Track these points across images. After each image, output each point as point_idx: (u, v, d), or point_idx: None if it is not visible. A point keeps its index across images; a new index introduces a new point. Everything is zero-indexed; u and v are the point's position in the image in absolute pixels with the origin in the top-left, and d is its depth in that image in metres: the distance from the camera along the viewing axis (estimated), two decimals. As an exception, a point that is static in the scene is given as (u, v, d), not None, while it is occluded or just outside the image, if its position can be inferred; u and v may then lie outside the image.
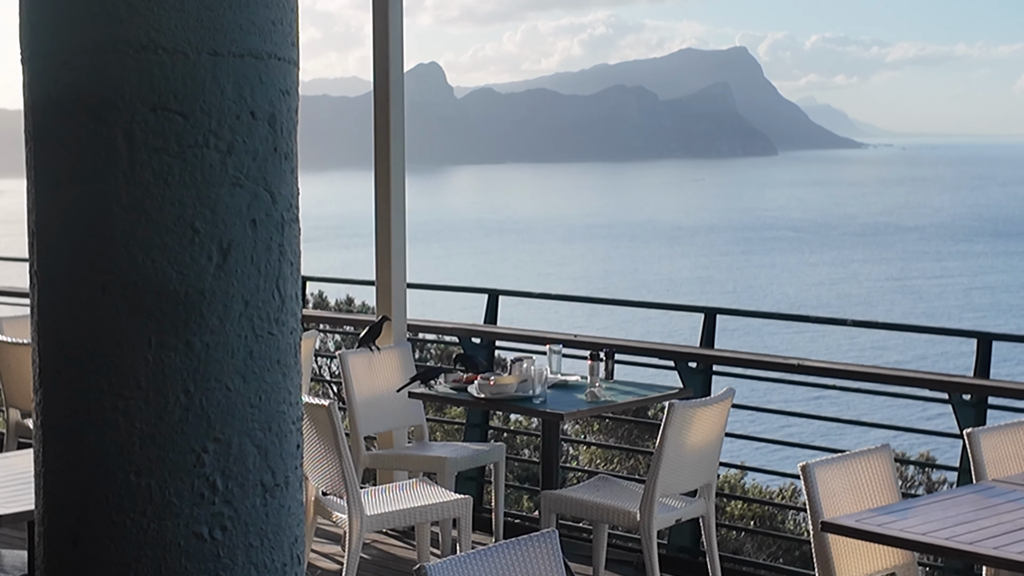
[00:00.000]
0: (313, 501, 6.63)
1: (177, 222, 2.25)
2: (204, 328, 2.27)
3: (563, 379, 7.28)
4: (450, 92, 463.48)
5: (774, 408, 8.20)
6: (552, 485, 6.92)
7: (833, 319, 8.44)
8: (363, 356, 7.76)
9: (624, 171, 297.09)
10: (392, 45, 7.92)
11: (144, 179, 2.24)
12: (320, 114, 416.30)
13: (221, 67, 2.26)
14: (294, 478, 2.42)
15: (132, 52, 2.22)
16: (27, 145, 2.34)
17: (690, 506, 6.66)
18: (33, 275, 2.36)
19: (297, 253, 2.43)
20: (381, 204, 8.06)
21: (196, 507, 2.28)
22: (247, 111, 2.29)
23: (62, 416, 2.32)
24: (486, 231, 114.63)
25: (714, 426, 6.54)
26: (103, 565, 2.29)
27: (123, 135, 2.23)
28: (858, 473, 5.31)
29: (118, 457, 2.27)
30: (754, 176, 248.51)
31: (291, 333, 2.40)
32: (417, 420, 7.90)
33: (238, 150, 2.29)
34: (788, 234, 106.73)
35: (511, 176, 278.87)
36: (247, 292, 2.31)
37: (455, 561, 3.93)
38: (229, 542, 2.31)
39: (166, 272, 2.25)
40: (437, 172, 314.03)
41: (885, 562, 5.26)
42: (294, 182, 2.40)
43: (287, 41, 2.37)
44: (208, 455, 2.28)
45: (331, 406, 6.22)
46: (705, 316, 7.79)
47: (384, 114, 7.98)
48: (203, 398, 2.28)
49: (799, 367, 7.29)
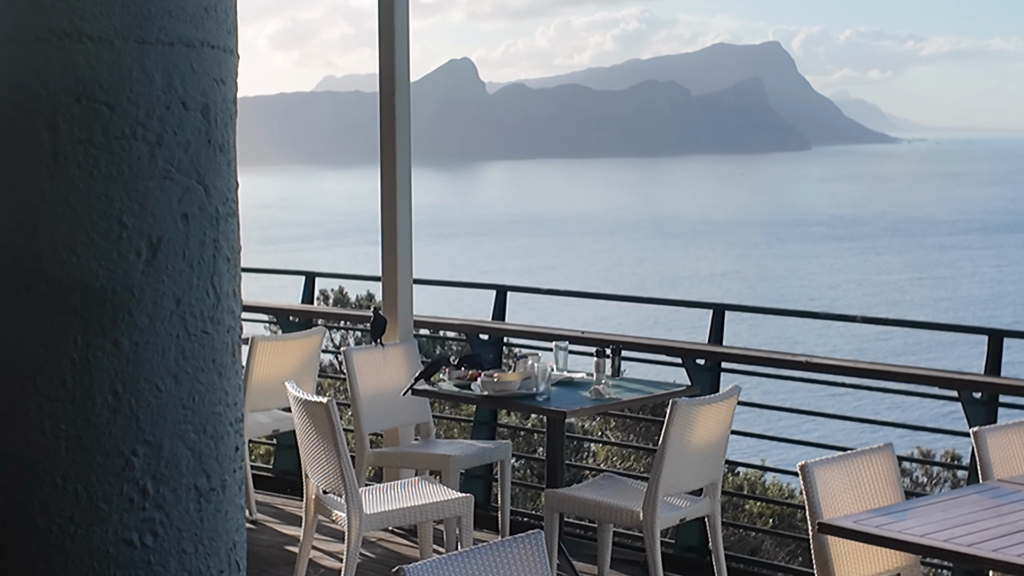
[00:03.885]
0: (314, 500, 6.56)
1: (104, 217, 2.17)
2: (133, 327, 2.19)
3: (569, 376, 7.18)
4: (482, 88, 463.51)
5: (783, 406, 8.07)
6: (557, 483, 6.83)
7: (842, 316, 8.33)
8: (368, 353, 7.68)
9: (656, 166, 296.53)
10: (398, 42, 7.85)
11: (69, 172, 2.16)
12: (352, 110, 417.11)
13: (149, 55, 2.18)
14: (232, 481, 2.33)
15: (55, 40, 2.14)
16: (-49, 137, 2.27)
17: (695, 505, 6.56)
18: (-42, 272, 2.28)
19: (235, 248, 2.34)
20: (387, 201, 7.98)
21: (125, 512, 2.20)
22: (177, 101, 2.21)
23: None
24: (516, 227, 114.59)
25: (719, 424, 6.44)
26: (29, 572, 2.21)
27: (47, 126, 2.15)
28: (859, 473, 5.20)
29: (44, 461, 2.19)
30: (786, 171, 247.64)
31: (228, 331, 2.31)
32: (423, 417, 7.82)
33: (168, 142, 2.20)
34: (820, 230, 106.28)
35: (542, 172, 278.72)
36: (179, 289, 2.23)
37: (436, 563, 3.85)
38: (161, 548, 2.23)
39: (92, 269, 2.17)
40: (468, 168, 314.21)
41: (887, 564, 5.15)
42: (231, 175, 2.32)
43: (222, 29, 2.28)
44: (138, 458, 2.20)
45: (329, 404, 6.15)
46: (714, 312, 7.69)
47: (390, 111, 7.90)
48: (132, 399, 2.19)
49: (808, 364, 7.17)
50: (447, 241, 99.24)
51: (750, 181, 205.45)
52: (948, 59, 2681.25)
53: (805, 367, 7.19)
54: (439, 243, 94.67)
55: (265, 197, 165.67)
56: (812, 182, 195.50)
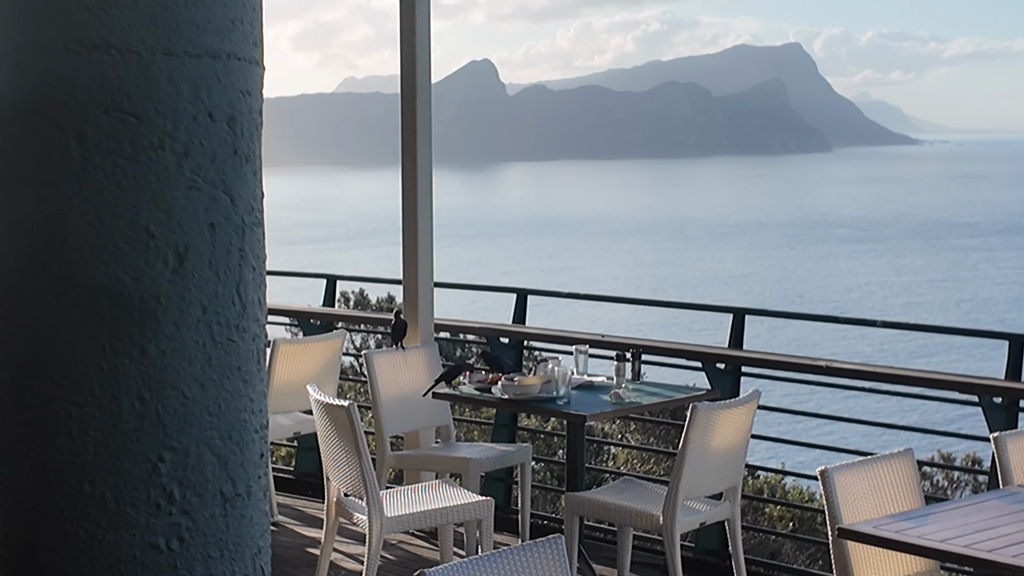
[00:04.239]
0: (335, 502, 6.59)
1: (131, 226, 2.20)
2: (160, 334, 2.22)
3: (589, 380, 7.20)
4: (502, 89, 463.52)
5: (803, 410, 8.07)
6: (577, 487, 6.84)
7: (863, 320, 8.31)
8: (389, 356, 7.71)
9: (676, 168, 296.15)
10: (419, 44, 7.87)
11: (97, 182, 2.19)
12: (373, 111, 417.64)
13: (176, 67, 2.21)
14: (257, 487, 2.36)
15: (84, 52, 2.17)
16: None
17: (715, 509, 6.57)
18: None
19: (261, 257, 2.37)
20: (408, 203, 8.01)
21: (152, 517, 2.23)
22: (204, 112, 2.24)
23: (15, 424, 2.28)
24: (537, 228, 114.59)
25: (739, 428, 6.44)
26: (58, 575, 2.25)
27: (75, 137, 2.18)
28: (879, 478, 5.21)
29: (72, 466, 2.22)
30: (808, 173, 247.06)
31: (253, 339, 2.34)
32: (443, 420, 7.85)
33: (195, 152, 2.23)
34: (841, 231, 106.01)
35: (563, 173, 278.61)
36: (205, 297, 2.26)
37: (457, 566, 3.87)
38: (187, 553, 2.26)
39: (120, 277, 2.20)
40: (488, 169, 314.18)
41: (907, 569, 5.15)
42: (256, 185, 2.35)
43: (248, 41, 2.31)
44: (164, 464, 2.23)
45: (351, 407, 6.18)
46: (734, 316, 7.69)
47: (411, 113, 7.93)
48: (159, 406, 2.22)
49: (828, 368, 7.17)
50: (467, 242, 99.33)
51: (771, 183, 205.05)
52: (971, 60, 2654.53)
53: (825, 371, 7.19)
54: (459, 244, 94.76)
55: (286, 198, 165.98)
56: (833, 184, 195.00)
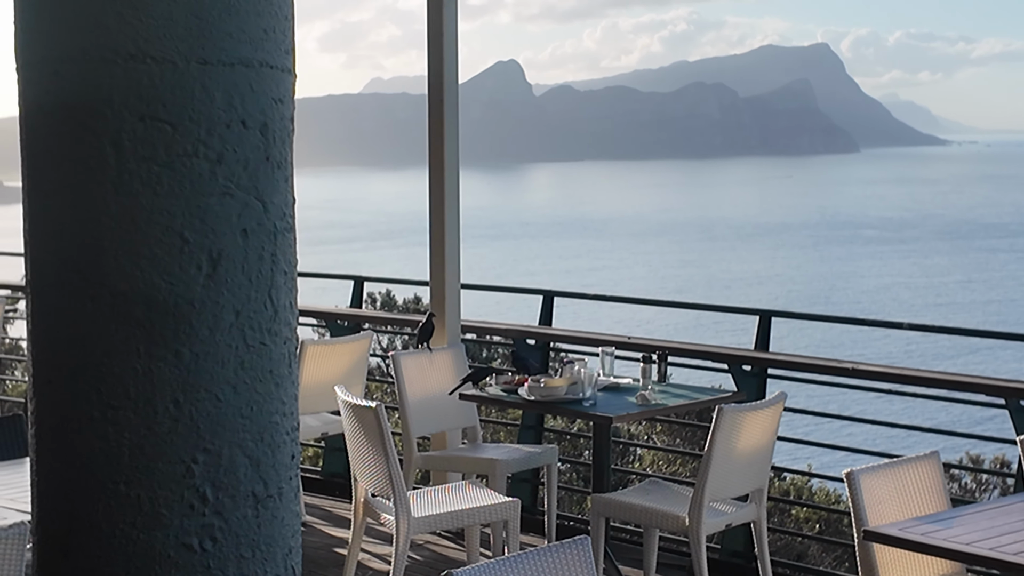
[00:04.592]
0: (362, 502, 6.63)
1: (166, 232, 2.24)
2: (193, 338, 2.26)
3: (615, 382, 7.22)
4: (529, 90, 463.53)
5: (829, 412, 8.07)
6: (603, 488, 6.87)
7: (889, 322, 8.31)
8: (416, 357, 7.76)
9: (703, 168, 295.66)
10: (446, 44, 7.92)
11: (133, 188, 2.23)
12: (399, 112, 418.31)
13: (210, 76, 2.25)
14: (288, 489, 2.40)
15: (120, 61, 2.21)
16: (21, 155, 2.35)
17: (741, 511, 6.58)
18: (27, 284, 2.36)
19: (292, 263, 2.40)
20: (435, 205, 8.05)
21: (186, 518, 2.27)
22: (237, 120, 2.28)
23: (53, 425, 2.32)
24: (563, 229, 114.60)
25: (765, 430, 6.46)
26: (93, 575, 2.29)
27: (111, 144, 2.22)
28: (905, 480, 5.21)
29: (107, 467, 2.26)
30: (835, 173, 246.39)
31: (284, 343, 2.38)
32: (470, 421, 7.89)
33: (228, 159, 2.27)
34: (869, 232, 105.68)
35: (589, 174, 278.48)
36: (238, 302, 2.29)
37: (483, 567, 3.90)
38: (219, 553, 2.29)
39: (155, 282, 2.24)
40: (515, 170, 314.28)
41: (932, 572, 5.16)
42: (288, 191, 2.38)
43: (280, 49, 2.35)
44: (198, 466, 2.27)
45: (378, 408, 6.22)
46: (760, 318, 7.70)
47: (438, 115, 7.97)
48: (192, 408, 2.26)
49: (854, 371, 7.18)
50: (493, 243, 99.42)
51: (798, 184, 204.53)
52: (999, 61, 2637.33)
53: (851, 374, 7.20)
54: (485, 245, 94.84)
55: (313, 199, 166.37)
56: (861, 185, 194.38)
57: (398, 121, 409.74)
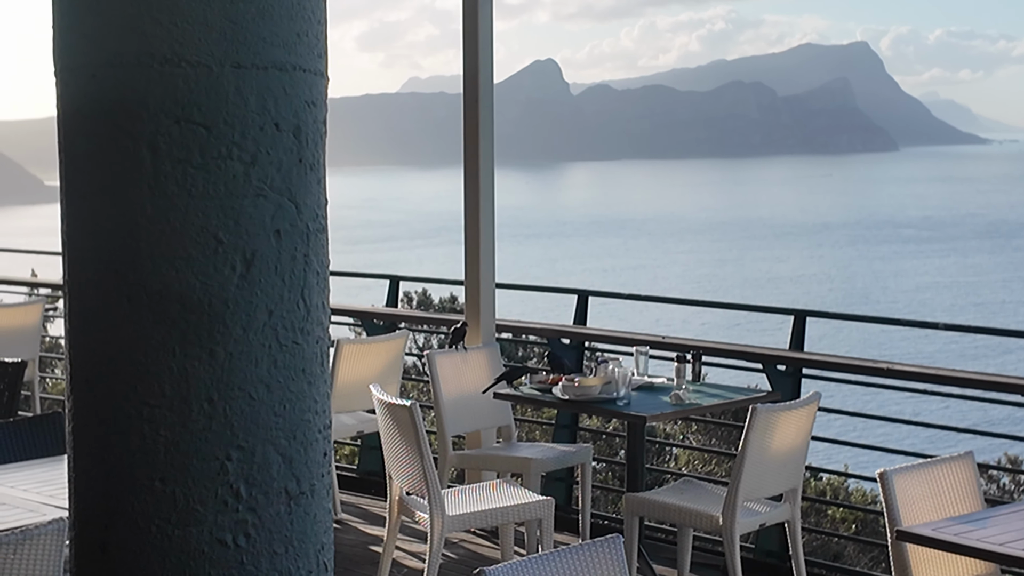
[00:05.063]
0: (397, 501, 6.67)
1: (201, 233, 2.27)
2: (228, 337, 2.29)
3: (649, 381, 7.24)
4: (566, 89, 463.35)
5: (864, 412, 8.06)
6: (637, 487, 6.89)
7: (925, 322, 8.29)
8: (451, 356, 7.79)
9: (741, 168, 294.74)
10: (482, 44, 7.95)
11: (168, 190, 2.27)
12: (437, 111, 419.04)
13: (244, 79, 2.28)
14: (320, 486, 2.43)
15: (156, 65, 2.25)
16: (59, 157, 2.39)
17: (775, 510, 6.59)
18: (65, 284, 2.40)
19: (325, 263, 2.44)
20: (470, 204, 8.09)
21: (220, 514, 2.31)
22: (271, 122, 2.31)
23: (90, 423, 2.36)
24: (600, 228, 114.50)
25: (799, 430, 6.46)
26: (129, 571, 2.33)
27: (148, 147, 2.26)
28: (939, 480, 5.21)
29: (143, 464, 2.30)
30: (874, 172, 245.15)
31: (317, 342, 2.41)
32: (505, 420, 7.92)
33: (262, 161, 2.30)
34: (908, 232, 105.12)
35: (627, 173, 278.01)
36: (271, 302, 2.33)
37: (515, 565, 3.93)
38: (253, 549, 2.33)
39: (190, 282, 2.28)
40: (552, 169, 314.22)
41: (966, 572, 5.15)
42: (320, 192, 2.42)
43: (313, 53, 2.38)
44: (232, 463, 2.31)
45: (412, 406, 6.26)
46: (795, 318, 7.70)
47: (473, 115, 8.00)
48: (227, 406, 2.30)
49: (889, 371, 7.17)
50: (530, 242, 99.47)
51: (836, 183, 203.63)
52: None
53: (886, 373, 7.19)
54: (523, 244, 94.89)
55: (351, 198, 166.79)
56: (900, 184, 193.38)
57: (436, 120, 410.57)
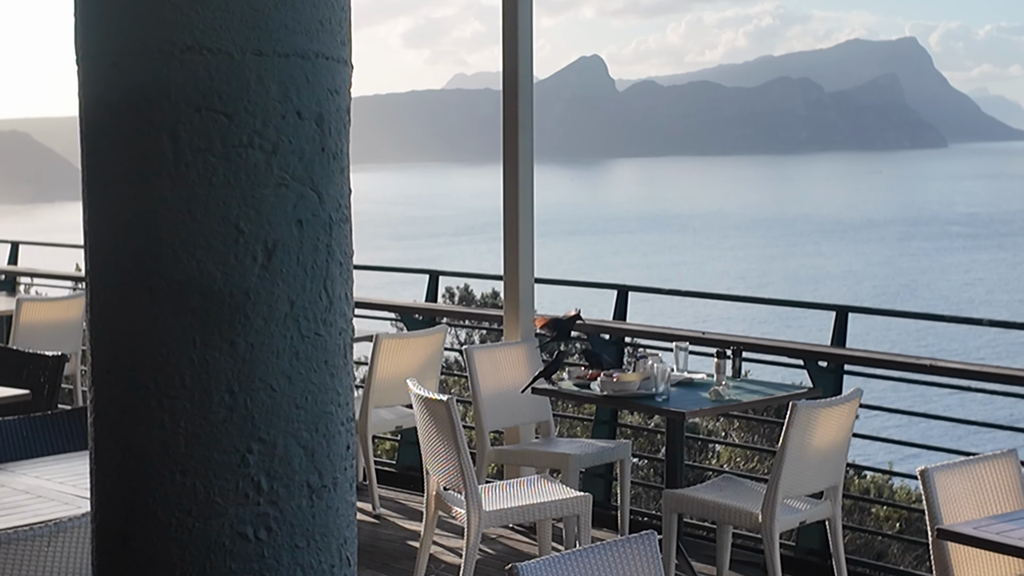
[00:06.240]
0: (435, 496, 6.65)
1: (222, 222, 2.24)
2: (248, 328, 2.27)
3: (689, 377, 7.19)
4: (612, 85, 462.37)
5: (907, 409, 7.97)
6: (676, 484, 6.84)
7: (969, 319, 8.19)
8: (489, 351, 7.77)
9: (788, 164, 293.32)
10: (521, 42, 7.94)
11: (189, 179, 2.24)
12: (483, 107, 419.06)
13: (266, 67, 2.25)
14: (343, 479, 2.40)
15: (177, 53, 2.22)
16: (81, 146, 2.37)
17: (815, 508, 6.52)
18: (87, 273, 2.38)
19: (348, 254, 2.40)
20: (509, 200, 8.06)
21: (241, 507, 2.28)
22: (293, 111, 2.28)
23: (111, 414, 2.34)
24: (645, 224, 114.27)
25: (841, 427, 6.39)
26: (150, 563, 2.30)
27: (168, 135, 2.24)
28: (981, 478, 5.14)
29: (164, 456, 2.28)
30: (922, 169, 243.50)
31: (340, 334, 2.38)
32: (543, 416, 7.88)
33: (283, 150, 2.27)
34: (955, 228, 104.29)
35: (672, 169, 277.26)
36: (293, 292, 2.30)
37: (549, 561, 3.90)
38: (274, 543, 2.30)
39: (211, 272, 2.25)
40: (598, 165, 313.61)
41: (1008, 571, 5.08)
42: (343, 182, 2.38)
43: (336, 40, 2.35)
44: (253, 455, 2.28)
45: (450, 401, 6.24)
46: (836, 314, 7.63)
47: (512, 110, 7.98)
48: (248, 398, 2.27)
49: (932, 368, 7.08)
50: (575, 238, 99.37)
51: (884, 179, 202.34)
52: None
53: (930, 370, 7.11)
54: (567, 240, 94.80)
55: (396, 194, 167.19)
56: (949, 180, 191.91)
57: (481, 116, 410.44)
